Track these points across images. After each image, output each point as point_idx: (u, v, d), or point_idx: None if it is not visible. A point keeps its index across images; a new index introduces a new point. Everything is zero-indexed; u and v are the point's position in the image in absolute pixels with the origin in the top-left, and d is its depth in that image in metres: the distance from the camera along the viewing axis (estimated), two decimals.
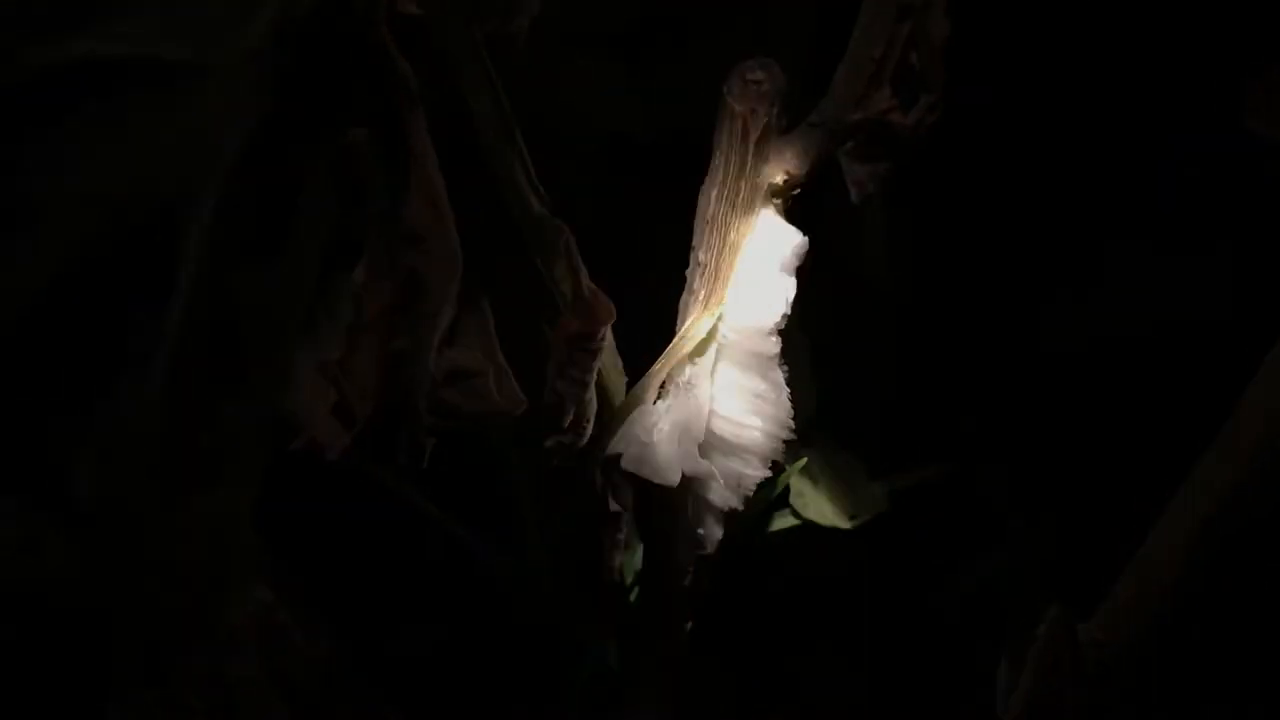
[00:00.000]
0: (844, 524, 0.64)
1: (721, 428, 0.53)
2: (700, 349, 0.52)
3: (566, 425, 0.49)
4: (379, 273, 0.45)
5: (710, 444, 0.53)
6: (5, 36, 0.25)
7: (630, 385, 0.53)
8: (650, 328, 0.52)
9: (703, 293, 0.52)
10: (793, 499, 0.64)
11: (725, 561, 0.64)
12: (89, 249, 0.26)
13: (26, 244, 0.26)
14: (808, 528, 0.67)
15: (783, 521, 0.64)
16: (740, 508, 0.55)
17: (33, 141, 0.26)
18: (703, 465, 0.53)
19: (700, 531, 0.57)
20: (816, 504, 0.64)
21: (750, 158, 0.49)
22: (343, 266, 0.43)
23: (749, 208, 0.50)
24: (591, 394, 0.50)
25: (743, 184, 0.49)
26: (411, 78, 0.41)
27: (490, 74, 0.43)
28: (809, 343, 0.65)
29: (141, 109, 0.25)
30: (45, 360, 0.28)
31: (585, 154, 0.75)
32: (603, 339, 0.49)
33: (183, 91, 0.26)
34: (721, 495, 0.54)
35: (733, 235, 0.50)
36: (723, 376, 0.52)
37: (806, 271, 0.51)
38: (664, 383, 0.52)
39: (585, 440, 0.51)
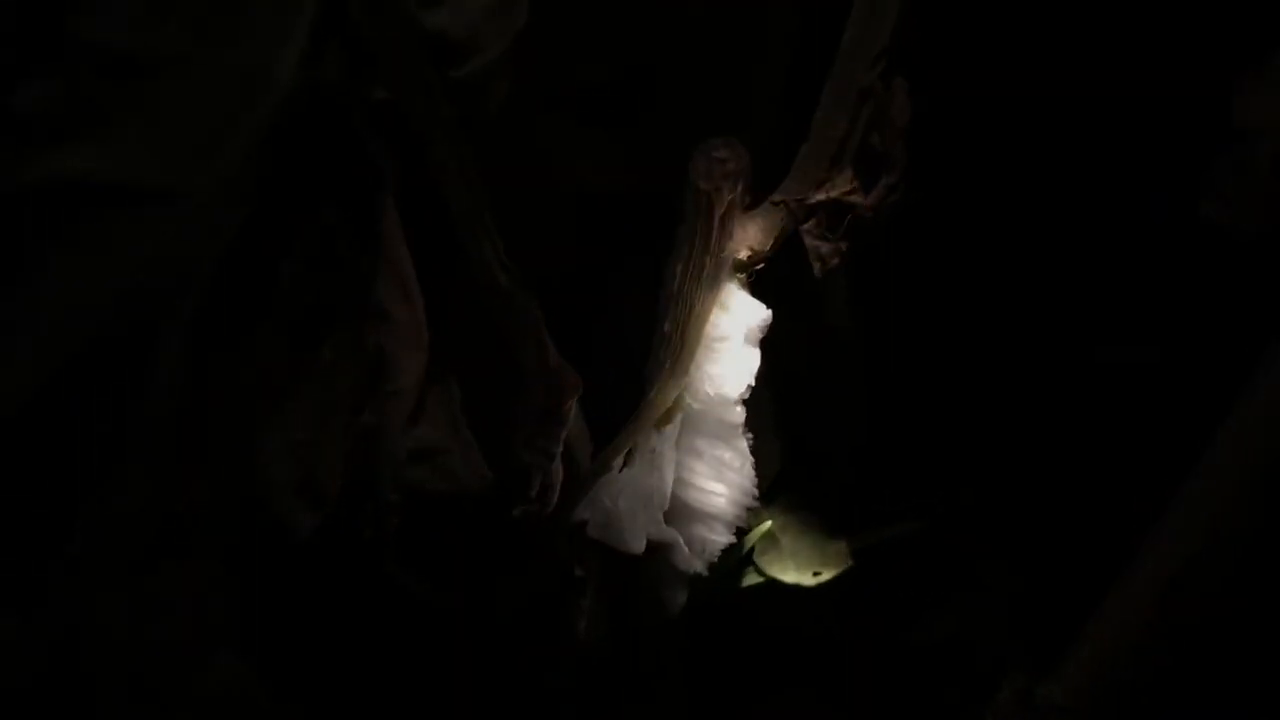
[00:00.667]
0: (807, 581, 0.65)
1: (687, 495, 0.54)
2: (666, 418, 0.53)
3: (533, 495, 0.50)
4: (347, 351, 0.45)
5: (675, 511, 0.54)
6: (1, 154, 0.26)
7: (596, 453, 0.54)
8: (616, 395, 0.53)
9: (669, 363, 0.52)
10: (757, 558, 0.64)
11: (694, 620, 0.65)
12: (77, 353, 0.27)
13: (25, 344, 0.26)
14: (774, 585, 0.67)
15: (748, 580, 0.65)
16: (705, 572, 0.56)
17: (25, 252, 0.27)
18: (667, 532, 0.53)
19: (665, 594, 0.58)
20: (779, 562, 0.65)
21: (715, 233, 0.49)
22: (310, 345, 0.44)
23: (714, 281, 0.51)
24: (558, 463, 0.51)
25: (708, 259, 0.50)
26: (383, 160, 0.42)
27: (461, 156, 0.44)
28: (773, 402, 0.66)
29: (123, 226, 0.26)
30: (35, 453, 0.28)
31: (558, 216, 0.76)
32: (569, 410, 0.50)
33: (164, 211, 0.26)
34: (686, 560, 0.55)
35: (698, 308, 0.51)
36: (688, 445, 0.53)
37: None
38: (630, 451, 0.53)
39: (551, 508, 0.51)
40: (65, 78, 0.25)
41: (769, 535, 0.64)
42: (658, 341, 0.53)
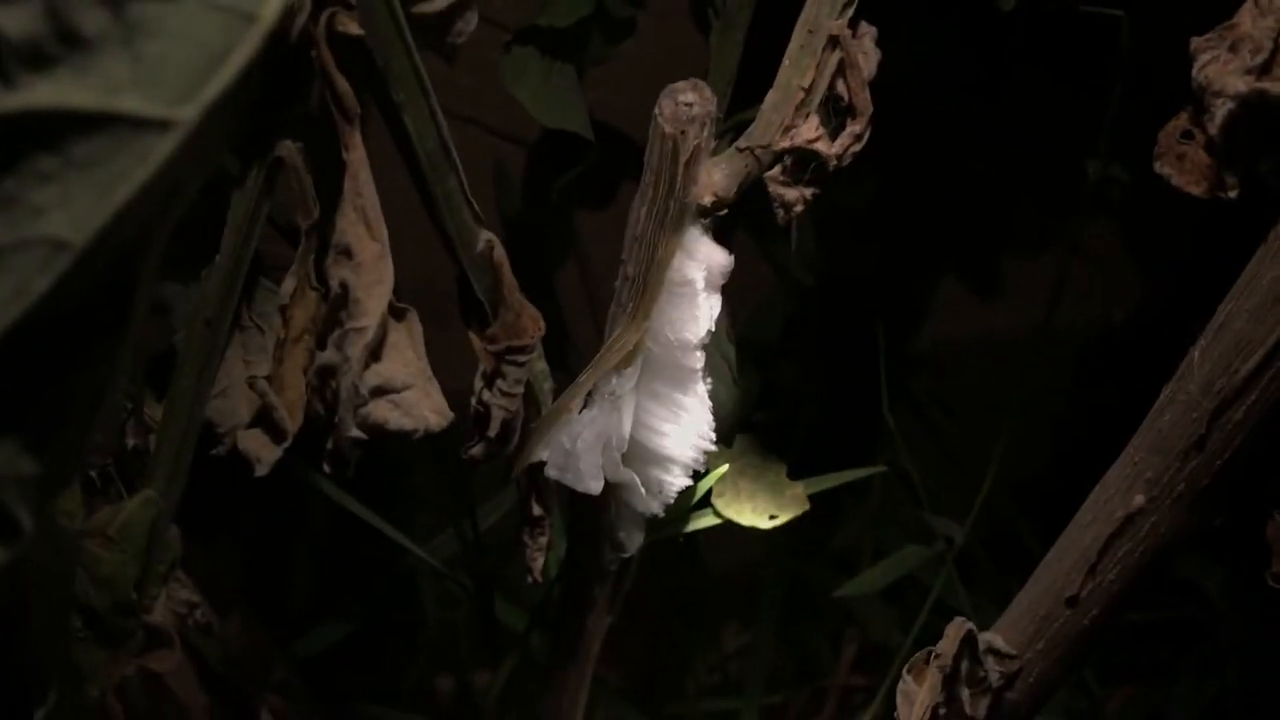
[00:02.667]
0: (763, 523, 0.66)
1: (645, 437, 0.54)
2: (626, 361, 0.53)
3: (494, 434, 0.50)
4: (308, 285, 0.45)
5: (633, 453, 0.54)
6: None
7: (556, 394, 0.55)
8: (578, 336, 0.53)
9: (630, 306, 0.53)
10: (714, 499, 0.65)
11: (651, 559, 0.66)
12: (53, 294, 0.26)
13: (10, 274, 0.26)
14: (730, 526, 0.68)
15: (704, 520, 0.66)
16: (661, 513, 0.57)
17: (7, 180, 0.26)
18: (625, 473, 0.54)
19: (622, 535, 0.59)
20: (737, 504, 0.66)
21: (679, 178, 0.50)
22: (273, 279, 0.44)
23: (677, 226, 0.51)
24: (519, 404, 0.51)
25: (671, 203, 0.50)
26: (349, 95, 0.41)
27: (428, 93, 0.44)
28: (734, 348, 0.66)
29: (111, 154, 0.26)
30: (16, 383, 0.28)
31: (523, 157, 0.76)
32: (532, 351, 0.50)
33: (152, 142, 0.26)
34: (643, 501, 0.56)
35: (660, 252, 0.51)
36: (647, 388, 0.54)
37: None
38: (590, 393, 0.53)
39: (511, 447, 0.52)
40: (46, 5, 0.25)
41: (726, 478, 0.65)
42: (620, 284, 0.53)
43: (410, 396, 0.45)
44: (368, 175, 0.42)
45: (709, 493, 0.65)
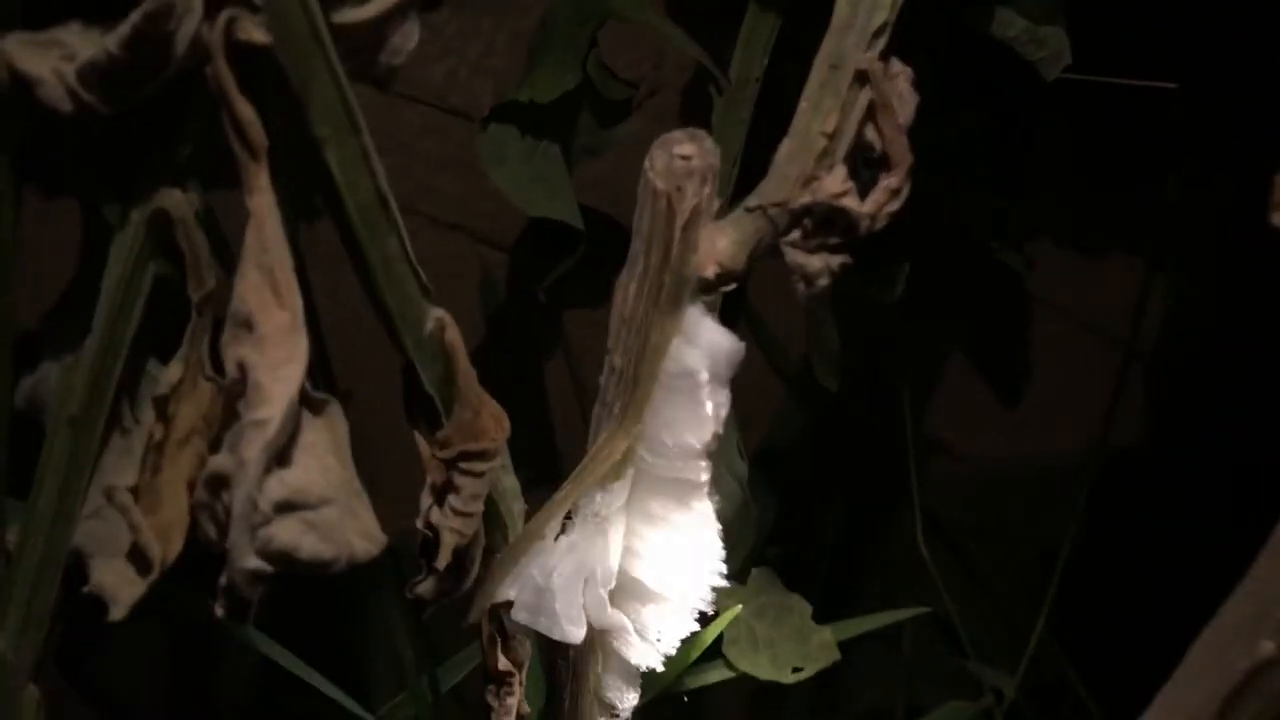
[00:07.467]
0: (785, 678, 0.55)
1: (637, 570, 0.44)
2: (614, 474, 0.43)
3: (444, 566, 0.40)
4: (200, 373, 0.36)
5: (624, 590, 0.45)
6: None
7: (528, 514, 0.44)
8: (553, 445, 0.44)
9: (618, 405, 0.43)
10: (726, 649, 0.55)
11: None
12: None
13: None
14: (744, 681, 0.58)
15: (714, 675, 0.55)
16: (660, 667, 0.46)
17: None
18: (614, 616, 0.44)
19: (611, 693, 0.48)
20: (753, 654, 0.55)
21: (676, 246, 0.41)
22: (143, 363, 0.35)
23: (673, 305, 0.41)
24: (478, 527, 0.41)
25: (666, 277, 0.41)
26: (254, 123, 0.33)
27: (359, 128, 0.35)
28: (746, 457, 0.57)
29: None
30: None
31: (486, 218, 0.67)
32: (493, 458, 0.40)
33: None
34: (637, 651, 0.46)
35: (654, 337, 0.42)
36: (640, 507, 0.44)
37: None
38: (569, 514, 0.43)
39: (469, 584, 0.42)
40: None
41: (740, 622, 0.55)
42: (605, 378, 0.43)
43: (329, 515, 0.34)
44: (277, 225, 0.33)
45: (719, 640, 0.55)
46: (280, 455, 0.34)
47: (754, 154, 0.58)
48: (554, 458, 0.71)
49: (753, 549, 0.57)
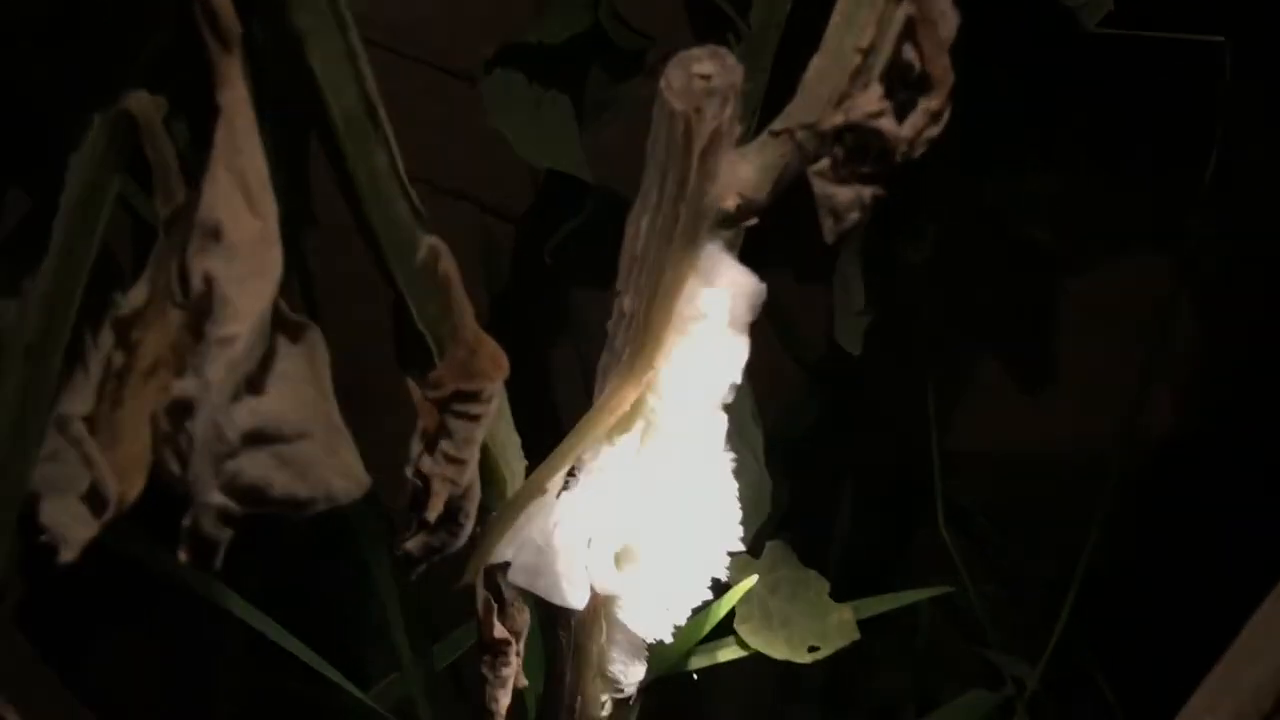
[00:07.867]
0: (801, 657, 0.51)
1: (646, 532, 0.41)
2: (622, 426, 0.40)
3: (435, 519, 0.37)
4: (169, 298, 0.32)
5: (631, 554, 0.41)
6: None
7: (529, 470, 0.41)
8: (557, 425, 0.41)
9: (627, 352, 0.40)
10: (738, 625, 0.51)
11: (654, 702, 0.51)
12: None
13: None
14: (757, 660, 0.54)
15: (726, 653, 0.52)
16: (669, 639, 0.43)
17: None
18: (619, 582, 0.40)
19: (615, 667, 0.45)
20: (767, 632, 0.51)
21: (693, 175, 0.37)
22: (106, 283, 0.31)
23: (689, 241, 0.38)
24: (473, 478, 0.38)
25: (682, 209, 0.38)
26: (226, 8, 0.29)
27: (345, 23, 0.32)
28: (761, 435, 0.53)
29: None
30: None
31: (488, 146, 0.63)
32: (490, 401, 0.37)
33: None
34: (644, 622, 0.42)
35: (668, 276, 0.38)
36: (650, 464, 0.40)
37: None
38: (572, 469, 0.40)
39: (462, 541, 0.38)
40: None
41: (753, 597, 0.51)
42: (614, 322, 0.40)
43: (305, 449, 0.31)
44: (250, 124, 0.30)
45: (729, 616, 0.51)
46: (251, 382, 0.30)
47: (774, 108, 0.54)
48: (558, 437, 0.68)
49: (767, 522, 0.54)
